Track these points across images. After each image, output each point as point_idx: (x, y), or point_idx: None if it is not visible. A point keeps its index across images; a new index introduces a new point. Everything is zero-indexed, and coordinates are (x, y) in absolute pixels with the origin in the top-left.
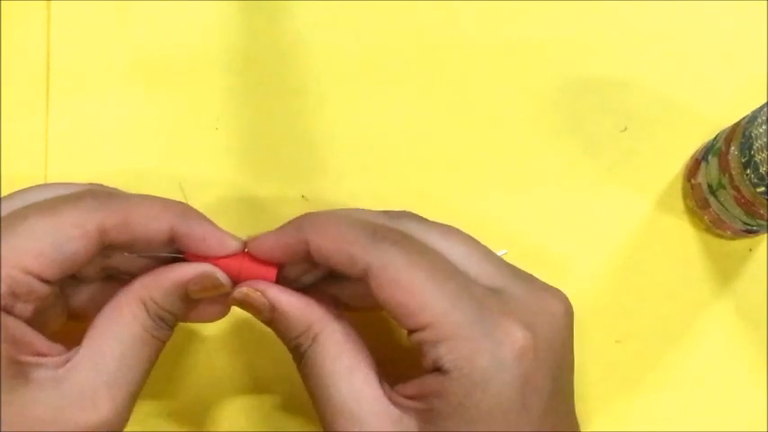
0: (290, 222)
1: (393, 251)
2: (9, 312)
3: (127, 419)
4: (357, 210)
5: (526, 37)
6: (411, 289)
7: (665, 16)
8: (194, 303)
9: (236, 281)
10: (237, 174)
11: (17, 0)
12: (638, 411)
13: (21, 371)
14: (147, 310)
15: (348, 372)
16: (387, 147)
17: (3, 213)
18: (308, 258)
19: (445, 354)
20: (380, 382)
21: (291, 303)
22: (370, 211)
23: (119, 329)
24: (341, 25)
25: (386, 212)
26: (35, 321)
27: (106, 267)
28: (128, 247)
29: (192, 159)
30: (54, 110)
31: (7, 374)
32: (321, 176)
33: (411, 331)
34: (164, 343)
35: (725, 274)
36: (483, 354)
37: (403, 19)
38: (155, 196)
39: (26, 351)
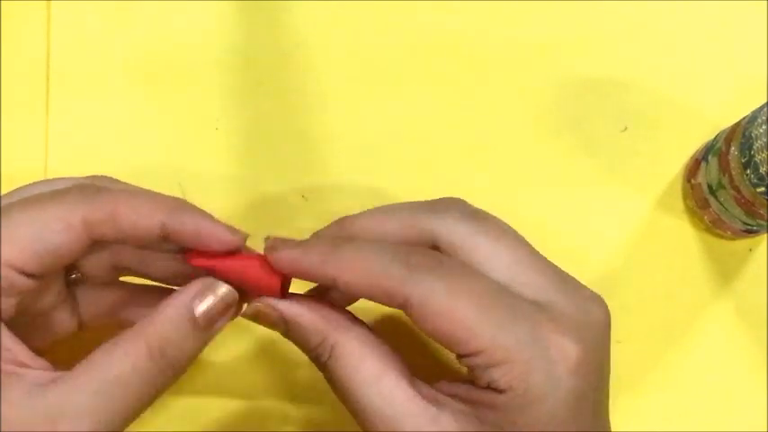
0: (316, 246)
1: (431, 281)
2: None
3: None
4: (395, 207)
5: (526, 37)
6: (456, 318)
7: (665, 16)
8: (207, 334)
9: (239, 284)
10: (237, 174)
11: (17, 0)
12: (638, 411)
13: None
14: (149, 349)
15: (374, 379)
16: (387, 147)
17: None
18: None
19: (500, 377)
20: (412, 380)
21: (303, 316)
22: (410, 205)
23: (110, 361)
24: (341, 25)
25: (430, 205)
26: (39, 326)
27: (117, 266)
28: (120, 242)
29: (192, 159)
30: (54, 110)
31: None
32: (321, 176)
33: (461, 356)
34: (163, 387)
35: (725, 274)
36: (538, 373)
37: (403, 19)
38: (146, 191)
39: (6, 360)
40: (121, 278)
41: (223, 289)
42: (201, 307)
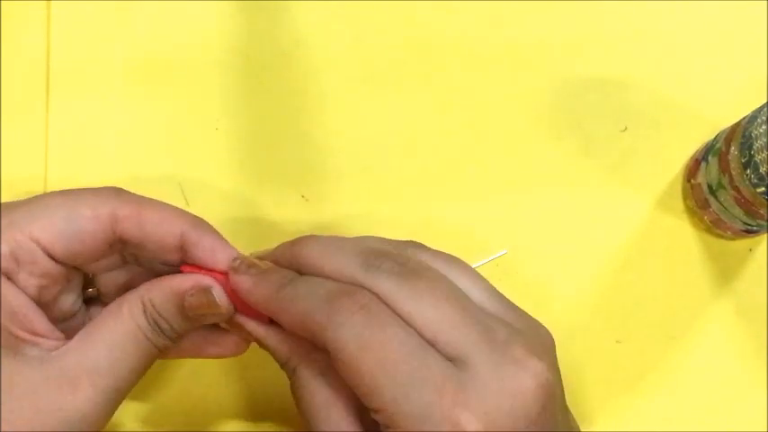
0: (264, 282)
1: (346, 329)
2: (11, 280)
3: (106, 415)
4: (341, 245)
5: (526, 37)
6: (361, 374)
7: (664, 16)
8: (194, 322)
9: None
10: (237, 174)
11: (17, 0)
12: (638, 411)
13: (12, 344)
14: (145, 311)
15: (326, 406)
16: (387, 147)
17: (26, 225)
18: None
19: None
20: (359, 413)
21: (270, 337)
22: (355, 245)
23: (113, 323)
24: (341, 25)
25: (372, 254)
26: (48, 305)
27: (130, 287)
28: (139, 246)
29: (192, 159)
30: (54, 110)
31: None
32: (321, 176)
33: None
34: (158, 349)
35: (725, 274)
36: None
37: (403, 19)
38: (171, 205)
39: (23, 327)
40: None
41: (214, 300)
42: (192, 301)
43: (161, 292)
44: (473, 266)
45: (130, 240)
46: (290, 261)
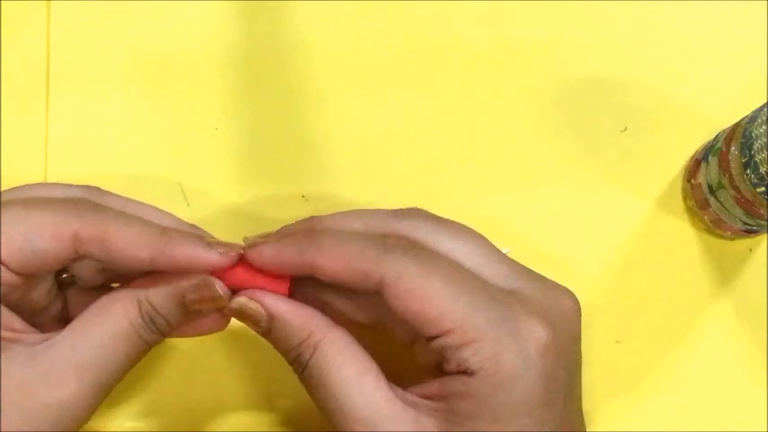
0: (292, 237)
1: (405, 260)
2: None
3: (92, 409)
4: (361, 211)
5: (526, 37)
6: (428, 297)
7: (664, 16)
8: (192, 315)
9: (239, 290)
10: (237, 174)
11: (17, 0)
12: (638, 411)
13: None
14: (140, 309)
15: (357, 377)
16: (387, 147)
17: (3, 201)
18: (312, 275)
19: (470, 356)
20: (389, 384)
21: (291, 311)
22: (376, 210)
23: (104, 319)
24: (341, 25)
25: (394, 212)
26: (28, 323)
27: (105, 270)
28: (107, 262)
29: (192, 159)
30: (54, 110)
31: None
32: (321, 176)
33: (431, 338)
34: (149, 345)
35: (725, 274)
36: (508, 353)
37: (403, 19)
38: (137, 219)
39: (4, 326)
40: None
41: (218, 290)
42: (193, 296)
43: (159, 290)
44: None
45: (97, 258)
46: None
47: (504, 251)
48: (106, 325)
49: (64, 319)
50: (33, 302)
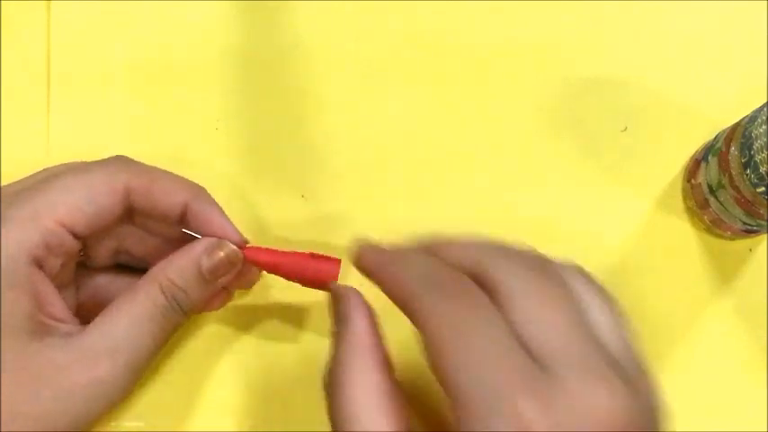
0: (375, 252)
1: (439, 307)
2: (39, 267)
3: (125, 390)
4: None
5: (526, 37)
6: (441, 352)
7: (664, 16)
8: (210, 286)
9: (295, 277)
10: (237, 174)
11: (17, 0)
12: None
13: (36, 328)
14: (161, 289)
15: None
16: (387, 147)
17: (44, 194)
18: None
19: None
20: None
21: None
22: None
23: (130, 305)
24: (341, 25)
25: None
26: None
27: (119, 251)
28: (147, 214)
29: (192, 159)
30: (54, 110)
31: (23, 328)
32: (321, 176)
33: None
34: (173, 326)
35: (725, 274)
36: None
37: (403, 19)
38: (175, 175)
39: (47, 313)
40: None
41: (230, 248)
42: (208, 263)
43: (175, 263)
44: None
45: (139, 209)
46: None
47: None
48: (133, 310)
49: (76, 301)
50: (61, 280)
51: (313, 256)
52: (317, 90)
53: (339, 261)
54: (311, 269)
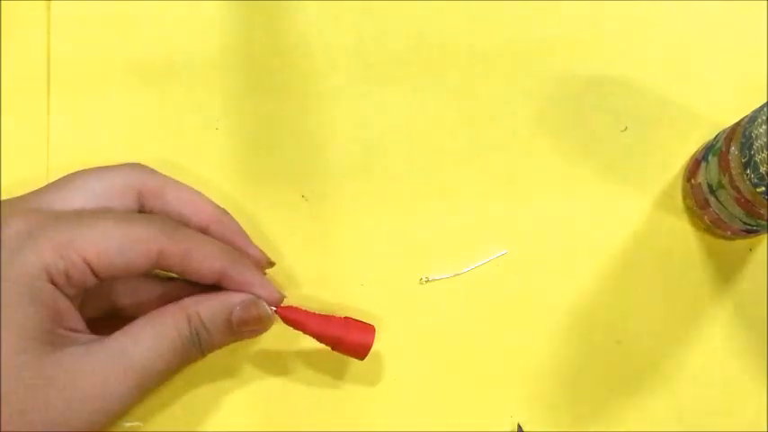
0: None
1: None
2: (57, 286)
3: (129, 407)
4: None
5: (526, 37)
6: None
7: (664, 16)
8: (235, 336)
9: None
10: (237, 174)
11: (17, 0)
12: (639, 411)
13: (55, 339)
14: (189, 322)
15: None
16: (387, 147)
17: (65, 191)
18: None
19: None
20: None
21: None
22: None
23: (155, 328)
24: (341, 25)
25: None
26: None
27: (113, 307)
28: (180, 274)
29: (192, 159)
30: (55, 110)
31: (42, 339)
32: (321, 176)
33: None
34: (187, 360)
35: (725, 274)
36: None
37: (403, 19)
38: (212, 239)
39: (65, 326)
40: None
41: (265, 310)
42: (240, 314)
43: (209, 304)
44: (473, 266)
45: (172, 270)
46: None
47: (500, 253)
48: (156, 333)
49: (109, 305)
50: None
51: (347, 324)
52: (317, 90)
53: (374, 330)
54: (345, 344)
